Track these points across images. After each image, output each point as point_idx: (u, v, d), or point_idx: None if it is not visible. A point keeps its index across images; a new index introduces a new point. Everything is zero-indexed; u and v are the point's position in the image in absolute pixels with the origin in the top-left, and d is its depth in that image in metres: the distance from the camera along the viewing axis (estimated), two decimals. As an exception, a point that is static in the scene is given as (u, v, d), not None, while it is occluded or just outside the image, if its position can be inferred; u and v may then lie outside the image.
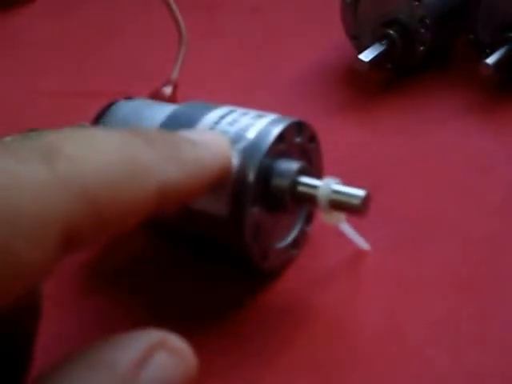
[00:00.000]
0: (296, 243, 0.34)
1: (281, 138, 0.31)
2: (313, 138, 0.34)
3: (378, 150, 0.42)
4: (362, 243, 0.34)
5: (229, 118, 0.32)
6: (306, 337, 0.31)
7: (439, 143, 0.42)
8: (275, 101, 0.47)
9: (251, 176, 0.30)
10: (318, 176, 0.34)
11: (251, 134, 0.31)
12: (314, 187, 0.31)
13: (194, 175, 0.24)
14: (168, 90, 0.46)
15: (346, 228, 0.33)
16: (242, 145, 0.30)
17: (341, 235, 0.33)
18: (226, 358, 0.30)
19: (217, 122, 0.32)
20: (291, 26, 0.55)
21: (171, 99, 0.46)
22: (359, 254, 0.34)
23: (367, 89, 0.48)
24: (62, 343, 0.31)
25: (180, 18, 0.46)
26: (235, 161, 0.30)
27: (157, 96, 0.45)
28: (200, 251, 0.35)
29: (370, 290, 0.33)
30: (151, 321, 0.31)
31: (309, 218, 0.35)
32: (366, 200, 0.30)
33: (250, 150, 0.30)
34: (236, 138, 0.31)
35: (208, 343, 0.30)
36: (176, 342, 0.18)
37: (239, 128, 0.31)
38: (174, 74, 0.47)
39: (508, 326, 0.30)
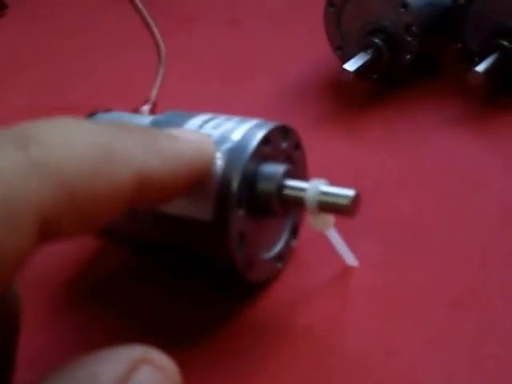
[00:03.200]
0: (281, 256, 0.33)
1: (266, 140, 0.30)
2: (298, 146, 0.33)
3: (363, 162, 0.41)
4: (349, 257, 0.33)
5: (212, 123, 0.31)
6: (291, 355, 0.29)
7: (427, 154, 0.41)
8: (258, 114, 0.45)
9: (236, 178, 0.29)
10: None
11: (236, 136, 0.30)
12: (301, 189, 0.30)
13: (173, 167, 0.23)
14: (146, 109, 0.45)
15: (334, 237, 0.32)
16: (226, 146, 0.29)
17: (327, 250, 0.32)
18: (208, 374, 0.29)
19: (201, 126, 0.31)
20: (272, 37, 0.54)
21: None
22: (346, 268, 0.33)
23: (353, 100, 0.47)
24: (44, 357, 0.30)
25: (159, 37, 0.45)
26: (219, 162, 0.29)
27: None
28: (181, 265, 0.34)
29: (358, 306, 0.32)
30: (134, 336, 0.31)
31: (294, 232, 0.34)
32: (355, 200, 0.29)
33: (234, 152, 0.29)
34: (220, 140, 0.30)
35: (191, 359, 0.29)
36: (160, 357, 0.18)
37: (224, 131, 0.30)
38: (153, 93, 0.46)
39: (502, 343, 0.29)
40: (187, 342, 0.30)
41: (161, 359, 0.18)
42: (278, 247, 0.33)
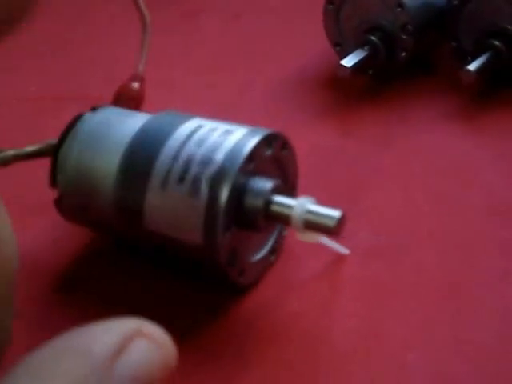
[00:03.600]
0: (274, 249, 0.34)
1: (250, 158, 0.31)
2: (285, 145, 0.33)
3: (358, 157, 0.42)
4: (339, 247, 0.34)
5: (196, 137, 0.31)
6: (283, 346, 0.31)
7: (420, 151, 0.42)
8: (256, 108, 0.47)
9: (222, 203, 0.30)
10: (293, 184, 0.34)
11: (219, 156, 0.30)
12: (288, 207, 0.30)
13: None
14: (135, 86, 0.45)
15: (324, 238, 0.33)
16: (211, 170, 0.30)
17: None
18: (201, 361, 0.30)
19: (184, 142, 0.31)
20: (274, 32, 0.55)
21: (139, 94, 0.45)
22: (336, 261, 0.34)
23: (349, 95, 0.47)
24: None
25: (144, 7, 0.45)
26: (204, 185, 0.30)
27: (124, 92, 0.45)
28: (172, 266, 0.35)
29: (347, 296, 0.33)
30: None
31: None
32: (340, 221, 0.29)
33: (219, 175, 0.30)
34: (204, 162, 0.30)
35: (183, 354, 0.30)
36: (155, 330, 0.17)
37: (207, 149, 0.31)
38: (140, 68, 0.45)
39: (484, 330, 0.30)
40: (177, 337, 0.31)
41: (156, 332, 0.17)
42: (271, 242, 0.34)
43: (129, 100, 0.44)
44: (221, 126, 0.32)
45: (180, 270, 0.34)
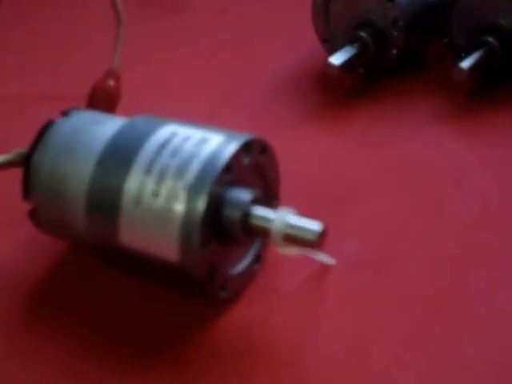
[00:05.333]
0: (257, 257, 0.33)
1: (227, 168, 0.29)
2: (264, 150, 0.32)
3: (346, 160, 0.41)
4: (325, 258, 0.33)
5: (170, 148, 0.30)
6: (266, 359, 0.30)
7: (410, 152, 0.41)
8: (242, 107, 0.46)
9: (198, 218, 0.28)
10: (275, 190, 0.34)
11: (195, 168, 0.29)
12: (268, 220, 0.29)
13: None
14: (111, 82, 0.44)
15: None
16: (186, 182, 0.29)
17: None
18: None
19: (158, 153, 0.30)
20: (261, 28, 0.54)
21: (115, 90, 0.44)
22: (321, 271, 0.34)
23: (337, 94, 0.46)
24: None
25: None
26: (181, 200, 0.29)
27: (101, 88, 0.43)
28: (151, 278, 0.34)
29: (333, 310, 0.32)
30: (101, 346, 0.31)
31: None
32: (321, 235, 0.29)
33: (195, 188, 0.29)
34: (179, 174, 0.29)
35: (162, 367, 0.30)
36: None
37: (182, 161, 0.29)
38: (115, 63, 0.44)
39: (473, 345, 0.30)
40: (162, 346, 0.31)
41: None
42: (254, 250, 0.33)
43: (104, 97, 0.43)
44: (196, 134, 0.31)
45: (159, 282, 0.33)
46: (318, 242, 0.28)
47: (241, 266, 0.32)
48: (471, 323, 0.31)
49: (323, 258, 0.33)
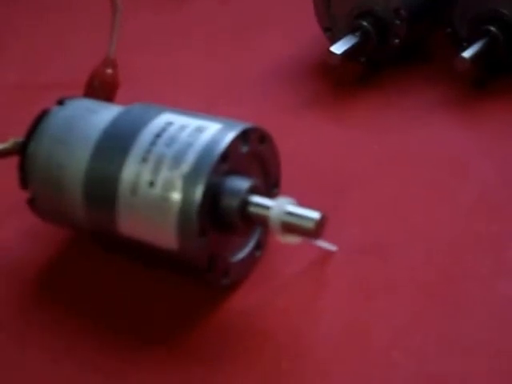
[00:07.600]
0: (259, 244, 0.33)
1: (224, 157, 0.29)
2: (263, 139, 0.32)
3: (348, 148, 0.41)
4: (327, 246, 0.33)
5: (165, 136, 0.30)
6: (267, 343, 0.30)
7: (412, 141, 0.41)
8: (243, 95, 0.46)
9: (196, 206, 0.28)
10: (276, 179, 0.33)
11: (191, 157, 0.29)
12: (266, 208, 0.29)
13: None
14: (109, 70, 0.43)
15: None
16: (182, 171, 0.29)
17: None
18: (182, 367, 0.29)
19: (153, 143, 0.30)
20: (263, 16, 0.54)
21: (113, 78, 0.43)
22: (323, 257, 0.34)
23: (339, 83, 0.46)
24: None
25: None
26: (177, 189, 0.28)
27: (98, 76, 0.43)
28: (152, 264, 0.33)
29: (334, 295, 0.32)
30: (102, 332, 0.31)
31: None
32: (320, 223, 0.28)
33: (191, 177, 0.28)
34: (176, 163, 0.29)
35: (166, 351, 0.30)
36: None
37: (177, 150, 0.29)
38: (111, 51, 0.43)
39: (472, 329, 0.30)
40: (164, 331, 0.31)
41: None
42: (255, 237, 0.33)
43: (102, 86, 0.43)
44: (193, 122, 0.30)
45: (160, 267, 0.33)
46: (316, 231, 0.28)
47: (242, 253, 0.32)
48: (471, 309, 0.31)
49: (324, 244, 0.33)
